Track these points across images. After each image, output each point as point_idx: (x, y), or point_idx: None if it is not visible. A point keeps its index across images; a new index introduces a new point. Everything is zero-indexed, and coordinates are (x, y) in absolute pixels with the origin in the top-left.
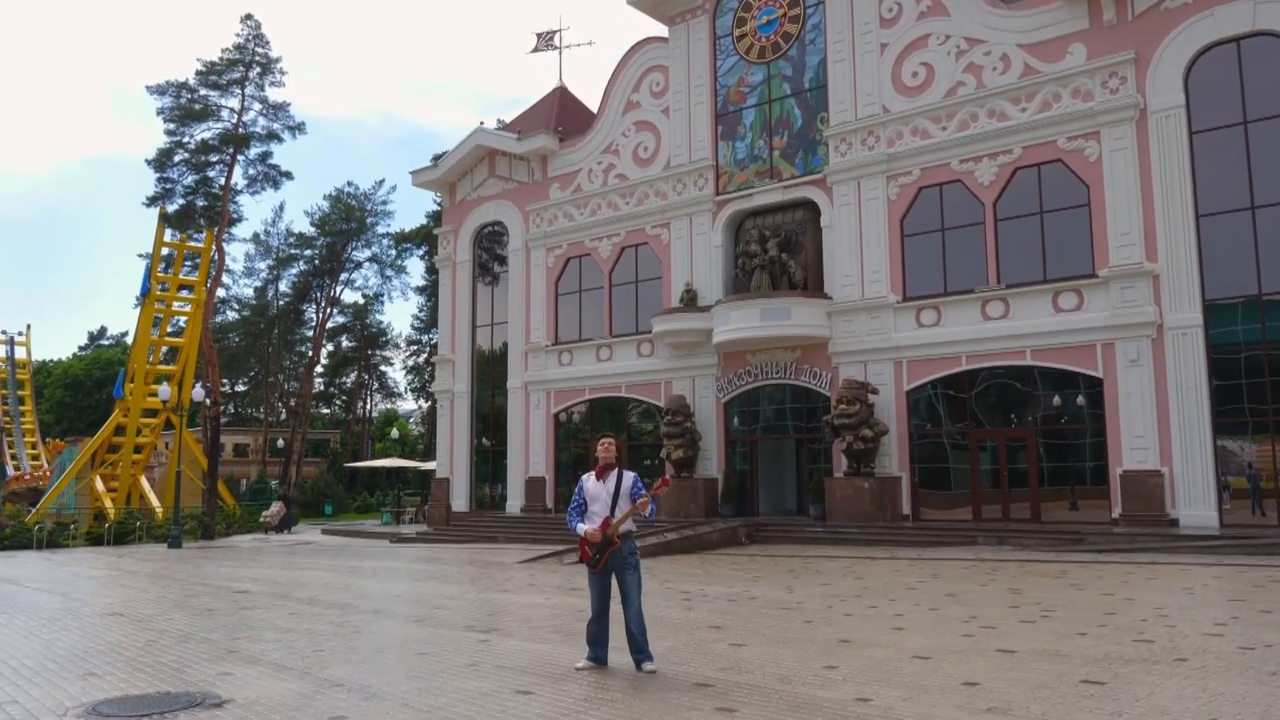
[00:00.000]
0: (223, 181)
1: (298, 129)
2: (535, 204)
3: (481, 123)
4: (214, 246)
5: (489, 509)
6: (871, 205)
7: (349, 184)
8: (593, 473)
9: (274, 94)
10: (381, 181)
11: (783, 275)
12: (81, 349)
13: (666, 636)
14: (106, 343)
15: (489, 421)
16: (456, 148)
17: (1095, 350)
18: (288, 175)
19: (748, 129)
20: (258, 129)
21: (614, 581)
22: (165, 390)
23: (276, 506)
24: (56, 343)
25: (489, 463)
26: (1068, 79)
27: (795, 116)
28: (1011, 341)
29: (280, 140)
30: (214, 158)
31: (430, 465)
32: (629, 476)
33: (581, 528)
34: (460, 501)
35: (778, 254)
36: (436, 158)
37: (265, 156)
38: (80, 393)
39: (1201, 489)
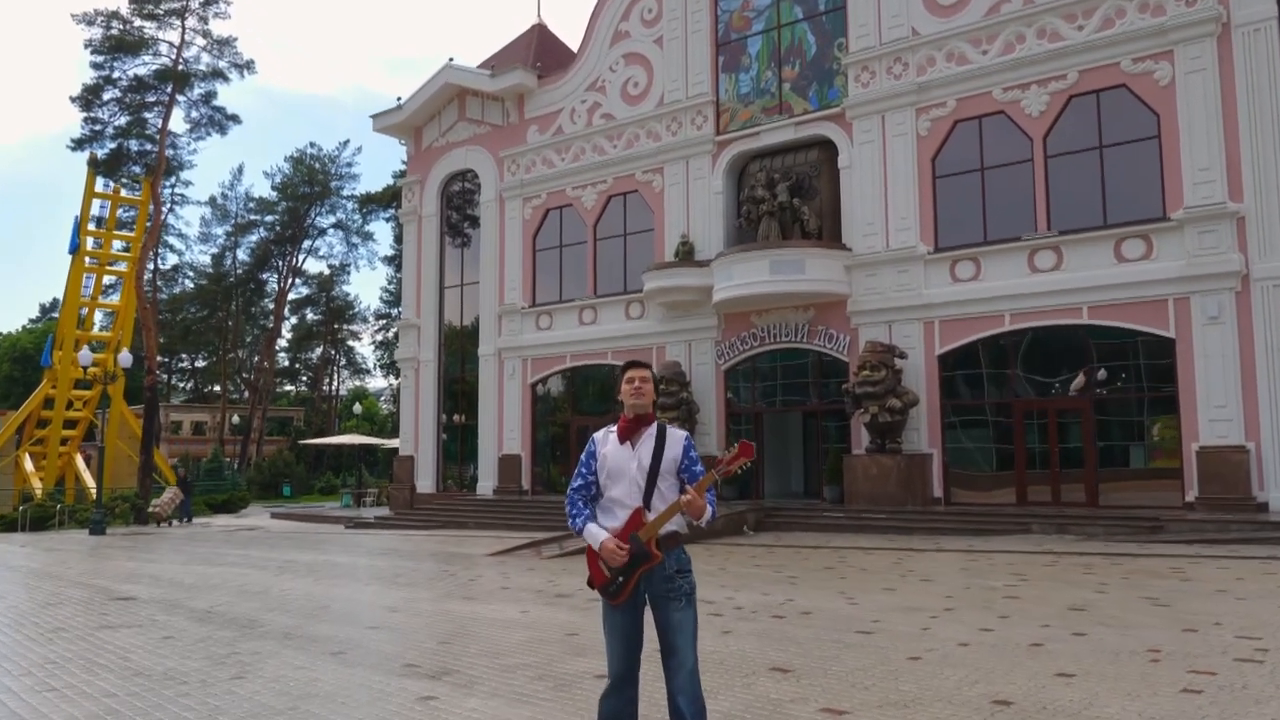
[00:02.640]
0: (160, 124)
1: (246, 67)
2: (511, 149)
3: (451, 58)
4: (151, 198)
5: (458, 490)
6: (898, 143)
7: (312, 145)
8: (613, 428)
9: (219, 27)
10: (346, 142)
11: (794, 224)
12: (32, 321)
13: (712, 689)
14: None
15: (458, 393)
16: (423, 87)
17: (1166, 306)
18: (234, 119)
19: (753, 59)
20: (200, 67)
21: (646, 617)
22: (86, 355)
23: (170, 493)
24: (8, 315)
25: (458, 439)
26: None
27: (809, 43)
28: (1065, 297)
29: (226, 80)
30: (150, 97)
31: (396, 443)
32: (677, 438)
33: (592, 531)
34: (426, 482)
35: (788, 199)
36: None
37: (209, 97)
38: (30, 367)
39: None
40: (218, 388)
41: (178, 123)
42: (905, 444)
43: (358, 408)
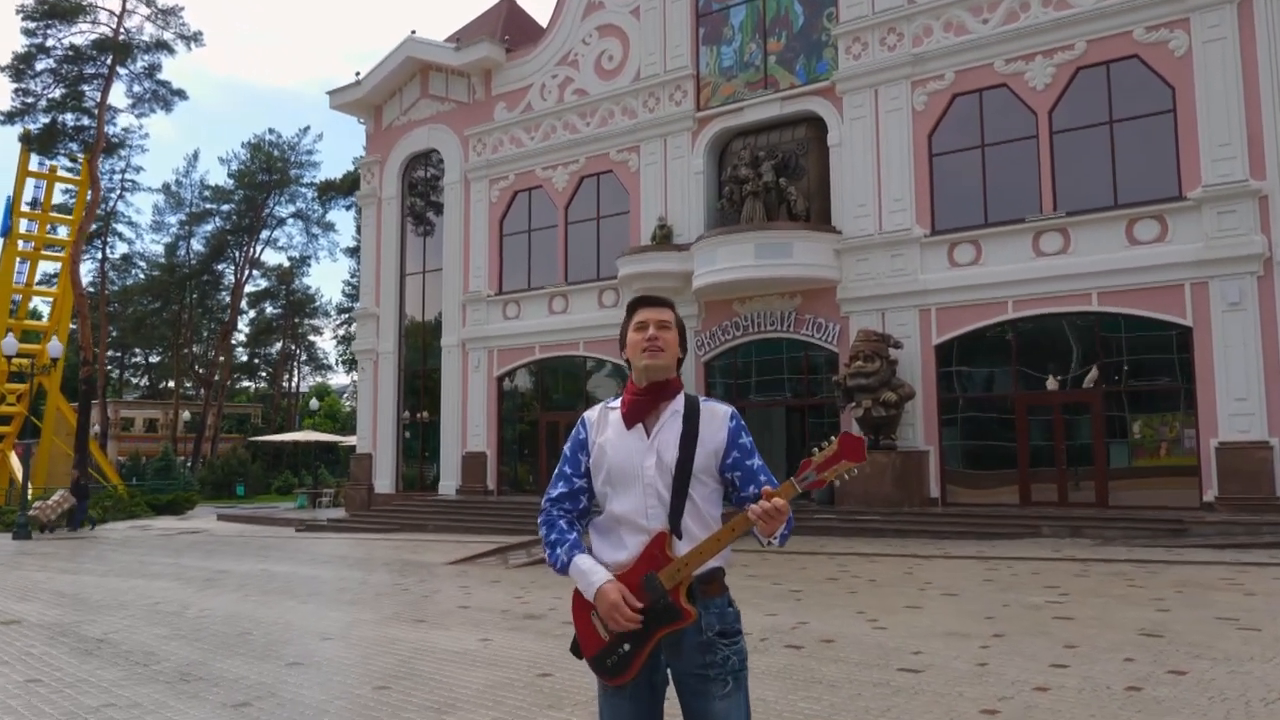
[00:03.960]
0: (99, 98)
1: (193, 39)
2: (476, 127)
3: (413, 31)
4: (90, 178)
5: (419, 490)
6: (892, 118)
7: (270, 131)
8: (614, 403)
9: None
10: (306, 129)
11: (780, 205)
12: None
13: None
14: None
15: (420, 387)
16: (383, 61)
17: (1183, 291)
18: (180, 94)
19: (736, 31)
20: (144, 38)
21: (669, 699)
22: (10, 343)
23: (58, 496)
24: None
25: (420, 436)
26: None
27: (796, 13)
28: (1072, 282)
29: (171, 51)
30: (88, 69)
31: (354, 440)
32: (719, 416)
33: (582, 568)
34: (385, 482)
35: (774, 179)
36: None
37: (152, 70)
38: None
39: None
40: (173, 384)
41: (118, 97)
42: (900, 440)
43: (315, 403)
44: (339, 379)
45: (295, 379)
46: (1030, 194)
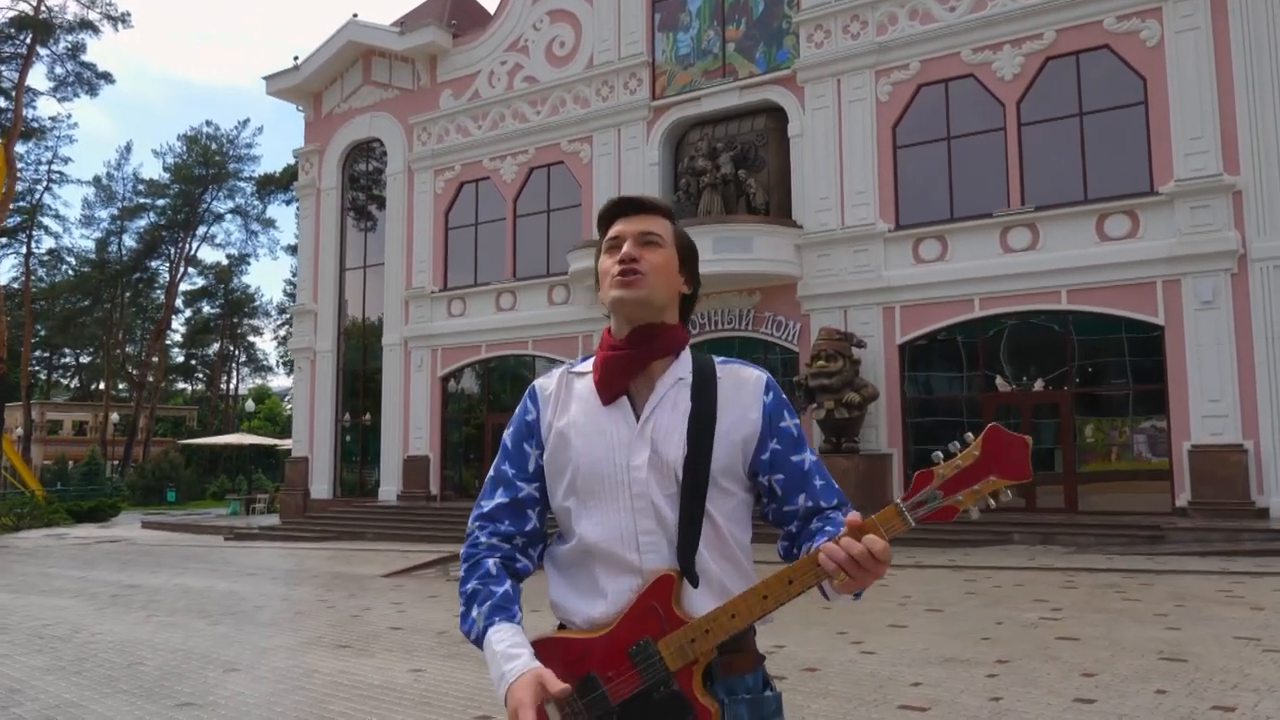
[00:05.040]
0: (16, 79)
1: (121, 20)
2: (421, 115)
3: (355, 15)
4: (7, 164)
5: (358, 496)
6: (855, 109)
7: (208, 124)
8: (580, 366)
9: None
10: (245, 122)
11: (739, 198)
12: None
13: None
14: None
15: (360, 388)
16: (323, 45)
17: (1155, 289)
18: (106, 78)
19: (693, 17)
20: (67, 16)
21: None
22: None
23: None
24: None
25: (360, 439)
26: None
27: (756, 0)
28: (1041, 279)
29: (96, 32)
30: (6, 48)
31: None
32: (747, 384)
33: (495, 644)
34: (322, 487)
35: (732, 171)
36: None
37: (76, 51)
38: None
39: None
40: (104, 385)
41: (39, 79)
42: (863, 443)
43: (251, 405)
44: (280, 381)
45: (234, 381)
46: (998, 188)
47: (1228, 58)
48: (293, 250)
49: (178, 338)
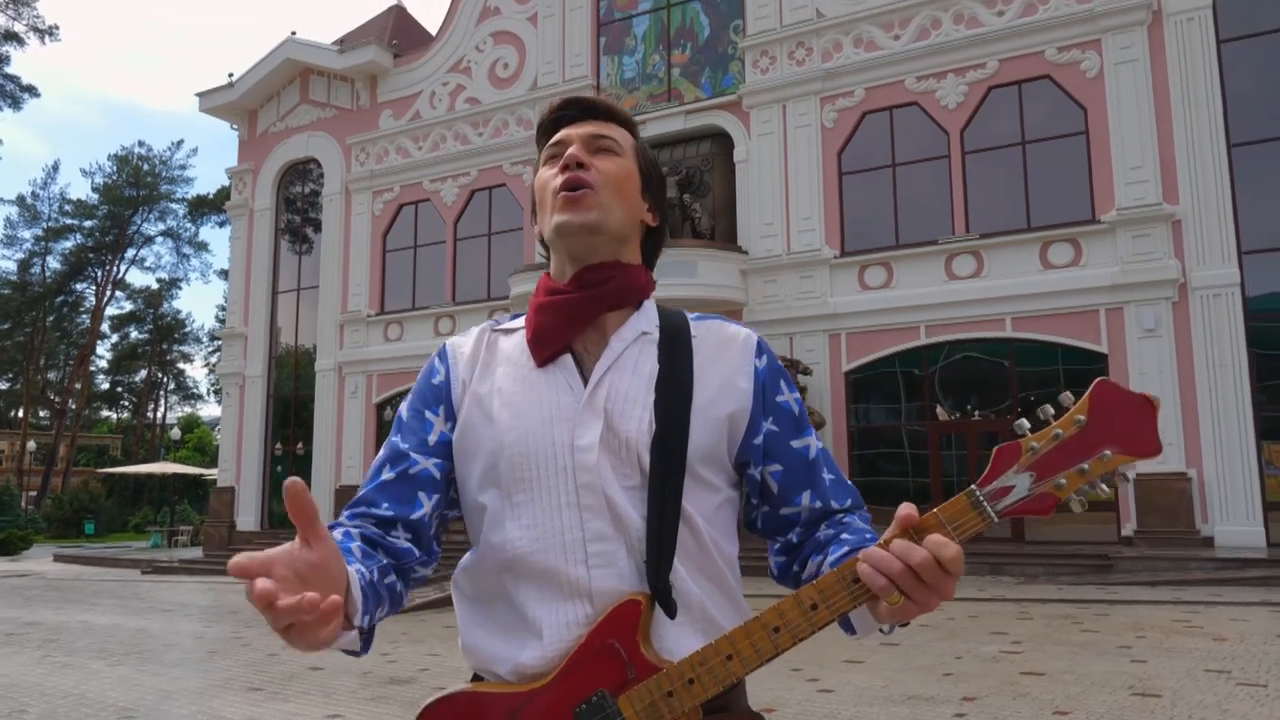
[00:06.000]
0: None
1: (48, 33)
2: (360, 135)
3: (294, 32)
4: None
5: (286, 528)
6: (801, 135)
7: (140, 144)
8: (512, 320)
9: None
10: (180, 143)
11: (685, 222)
12: None
13: None
14: None
15: (292, 416)
16: (260, 62)
17: (1098, 317)
18: (30, 90)
19: (639, 41)
20: None
21: None
22: None
23: None
24: None
25: (290, 468)
26: None
27: (701, 25)
28: (986, 307)
29: (21, 43)
30: None
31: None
32: (740, 341)
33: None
34: (249, 518)
35: (678, 196)
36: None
37: None
38: None
39: (1244, 495)
40: (21, 412)
41: None
42: None
43: (176, 433)
44: (210, 410)
45: (162, 409)
46: (943, 215)
47: (1165, 89)
48: (226, 274)
49: (103, 364)
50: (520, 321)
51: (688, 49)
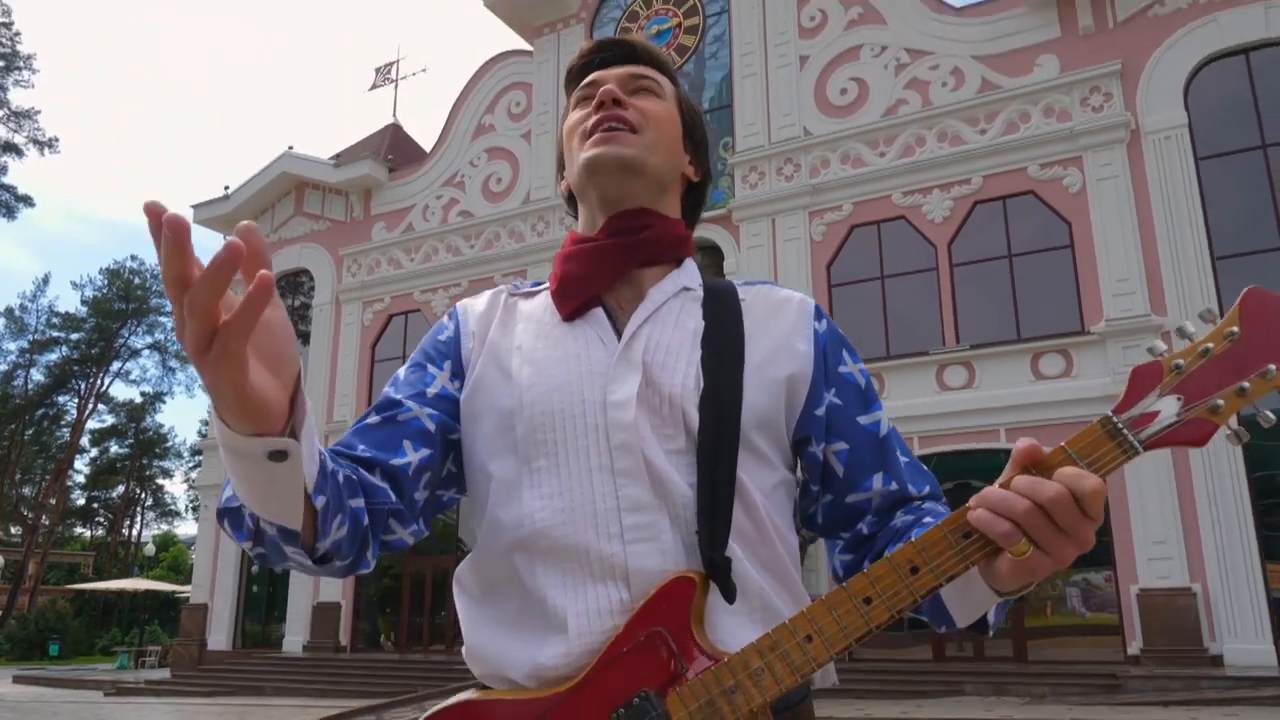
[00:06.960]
0: None
1: (48, 145)
2: (352, 247)
3: (290, 146)
4: None
5: (261, 646)
6: (790, 247)
7: (132, 258)
8: (533, 285)
9: (20, 97)
10: None
11: None
12: None
13: None
14: None
15: None
16: (256, 175)
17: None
18: (26, 201)
19: None
20: None
21: None
22: None
23: None
24: None
25: (268, 586)
26: (1038, 94)
27: None
28: (979, 418)
29: (20, 154)
30: None
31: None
32: (795, 304)
33: None
34: (220, 637)
35: None
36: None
37: None
38: None
39: (1251, 610)
40: None
41: None
42: (807, 589)
43: (151, 549)
44: (187, 528)
45: (138, 526)
46: (933, 326)
47: (1148, 204)
48: None
49: (80, 479)
50: (543, 285)
51: None
